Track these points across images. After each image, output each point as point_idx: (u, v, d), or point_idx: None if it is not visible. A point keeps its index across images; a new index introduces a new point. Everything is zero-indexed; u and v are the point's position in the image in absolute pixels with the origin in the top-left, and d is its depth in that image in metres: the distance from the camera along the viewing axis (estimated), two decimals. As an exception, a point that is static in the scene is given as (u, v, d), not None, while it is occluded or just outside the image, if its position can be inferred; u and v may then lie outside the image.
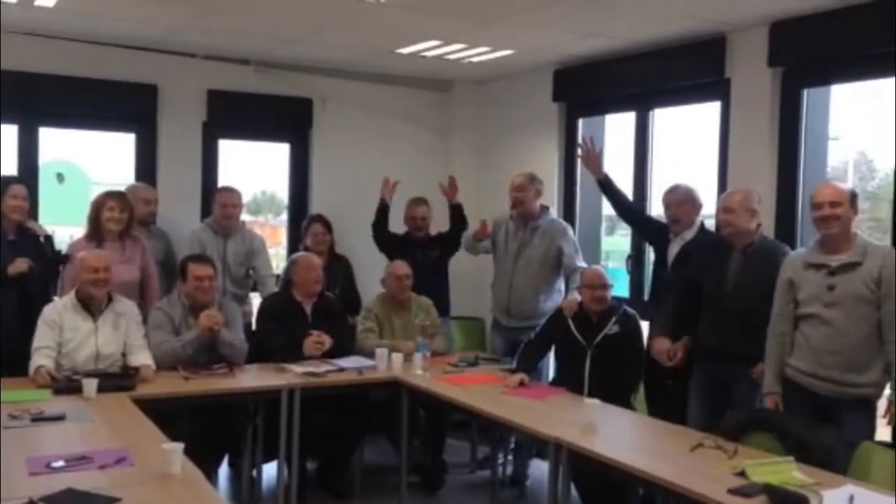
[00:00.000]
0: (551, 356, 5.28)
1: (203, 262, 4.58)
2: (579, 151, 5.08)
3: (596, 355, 4.35)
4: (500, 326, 5.28)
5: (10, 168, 5.38)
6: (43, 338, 4.07)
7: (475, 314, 6.10)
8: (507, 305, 5.15)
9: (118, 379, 3.97)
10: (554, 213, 5.36)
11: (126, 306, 4.30)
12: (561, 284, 5.18)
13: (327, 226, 5.62)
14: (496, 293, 5.27)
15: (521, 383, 4.36)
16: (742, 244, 3.92)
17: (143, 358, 4.22)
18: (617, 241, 6.63)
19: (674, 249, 4.51)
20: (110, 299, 4.26)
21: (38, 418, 3.37)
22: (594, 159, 4.90)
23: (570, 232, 5.24)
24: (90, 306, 4.18)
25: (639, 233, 5.31)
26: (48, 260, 4.56)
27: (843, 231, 3.45)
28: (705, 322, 4.01)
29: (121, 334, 4.22)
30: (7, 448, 2.98)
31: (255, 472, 4.67)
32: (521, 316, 5.10)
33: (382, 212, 5.63)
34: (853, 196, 3.47)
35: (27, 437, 3.16)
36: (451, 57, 5.71)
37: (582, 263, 5.07)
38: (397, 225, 5.74)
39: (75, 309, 4.16)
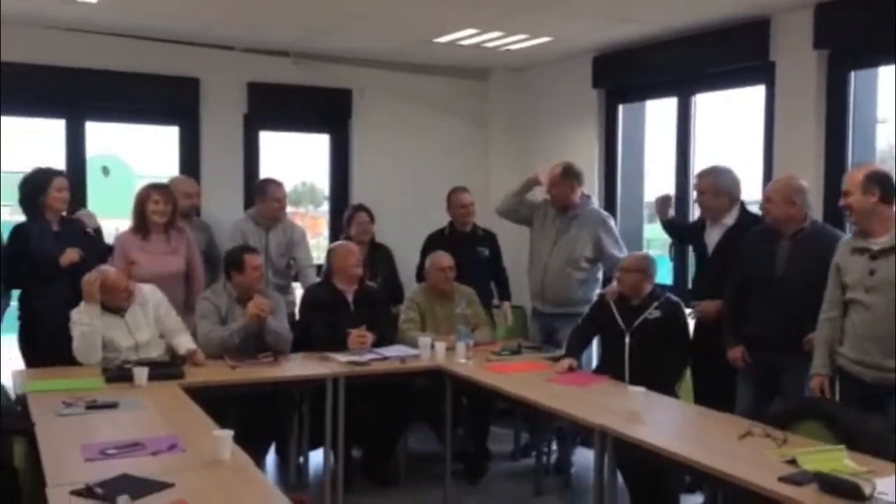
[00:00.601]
0: (594, 345, 5.29)
1: (255, 253, 4.65)
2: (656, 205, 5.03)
3: (635, 340, 4.33)
4: (538, 313, 5.29)
5: (59, 162, 5.47)
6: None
7: (518, 302, 6.10)
8: (542, 290, 5.17)
9: (168, 367, 4.04)
10: (595, 202, 5.32)
11: (145, 293, 4.35)
12: (599, 274, 5.18)
13: (370, 215, 5.64)
14: (532, 277, 5.28)
15: (570, 368, 4.36)
16: (790, 231, 3.87)
17: (185, 341, 4.31)
18: (658, 229, 6.55)
19: (713, 236, 4.45)
20: (129, 293, 4.31)
21: (92, 406, 3.43)
22: (664, 210, 4.92)
23: (611, 222, 5.21)
24: (111, 308, 4.23)
25: (676, 237, 5.24)
26: (95, 250, 4.65)
27: (866, 215, 3.39)
28: (754, 309, 3.97)
29: (150, 319, 4.29)
30: (63, 435, 3.06)
31: (301, 460, 4.73)
32: (556, 302, 5.12)
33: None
34: (871, 179, 3.37)
35: (82, 425, 3.23)
36: (489, 45, 5.70)
37: (622, 254, 5.03)
38: (441, 217, 5.73)
39: (102, 313, 4.21)
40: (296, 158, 6.87)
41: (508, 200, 5.34)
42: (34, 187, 4.53)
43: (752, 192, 4.73)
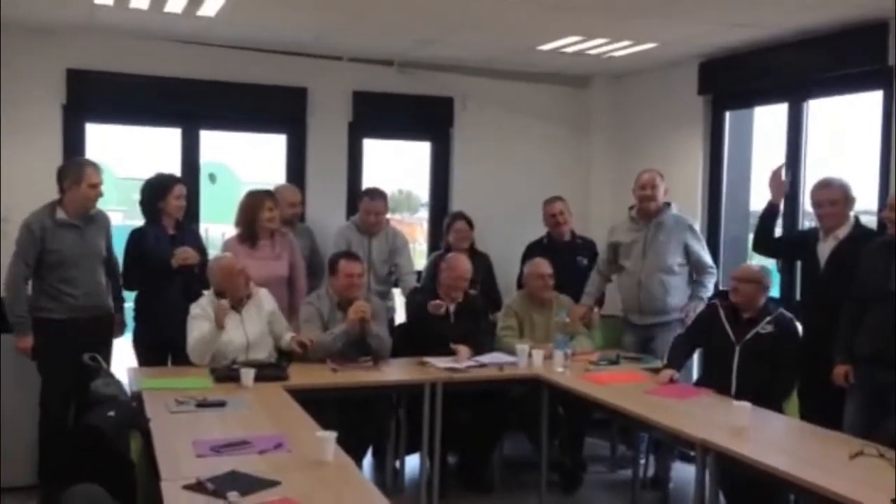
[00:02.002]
0: (696, 356, 5.16)
1: (353, 260, 4.71)
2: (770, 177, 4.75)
3: (745, 353, 4.21)
4: (632, 325, 5.22)
5: (174, 169, 5.72)
6: (196, 322, 4.30)
7: (611, 311, 6.02)
8: (639, 304, 5.10)
9: (273, 369, 4.16)
10: (675, 208, 5.24)
11: (261, 295, 4.50)
12: (688, 280, 5.12)
13: (469, 223, 5.68)
14: (626, 293, 5.22)
15: (671, 380, 4.28)
16: None
17: (288, 338, 4.45)
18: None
19: (825, 250, 4.28)
20: (248, 293, 4.46)
21: (202, 404, 3.58)
22: (780, 186, 4.67)
23: (696, 228, 5.21)
24: (231, 303, 4.36)
25: (780, 257, 5.06)
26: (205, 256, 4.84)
27: None
28: (867, 324, 3.80)
29: (263, 320, 4.44)
30: (175, 431, 3.20)
31: (398, 464, 4.79)
32: (654, 312, 5.06)
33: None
34: None
35: (193, 422, 3.37)
36: (592, 52, 5.65)
37: (709, 259, 5.07)
38: (538, 226, 5.73)
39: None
40: (396, 165, 6.97)
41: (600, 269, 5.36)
42: (154, 192, 4.73)
43: (866, 203, 4.53)
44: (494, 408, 4.74)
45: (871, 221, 4.61)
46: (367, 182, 6.10)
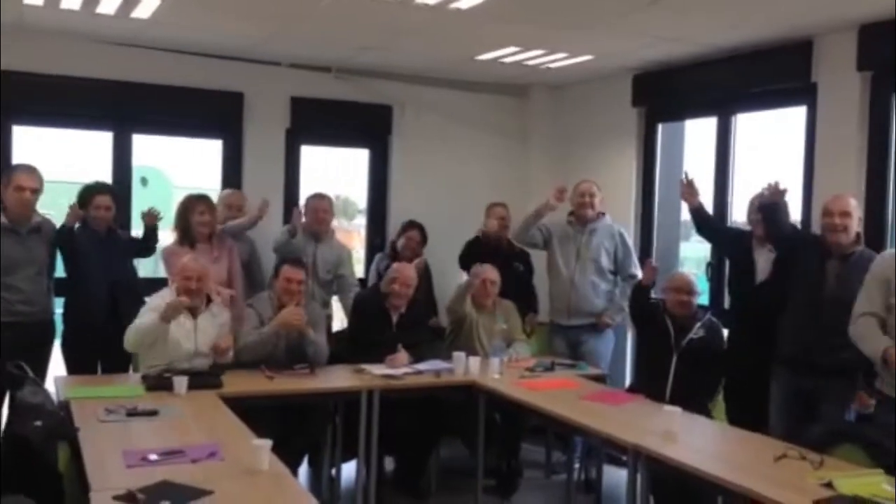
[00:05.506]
0: (628, 363, 5.29)
1: (297, 266, 4.65)
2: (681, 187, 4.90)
3: (682, 359, 4.34)
4: (560, 328, 5.35)
5: (105, 173, 5.61)
6: (149, 315, 4.19)
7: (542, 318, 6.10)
8: (569, 305, 5.25)
9: (207, 377, 4.10)
10: (609, 219, 5.39)
11: (220, 309, 4.43)
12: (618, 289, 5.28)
13: (423, 235, 5.72)
14: (556, 294, 5.36)
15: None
16: (842, 251, 3.83)
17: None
18: (694, 248, 6.54)
19: (761, 263, 4.40)
20: (209, 301, 4.40)
21: (133, 413, 3.51)
22: (690, 193, 4.81)
23: (627, 236, 5.40)
24: (189, 308, 4.29)
25: (716, 244, 5.21)
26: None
27: None
28: (794, 329, 3.93)
29: (215, 332, 4.36)
30: (105, 441, 3.13)
31: (334, 472, 4.76)
32: (582, 314, 5.24)
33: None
34: None
35: (123, 431, 3.30)
36: (530, 63, 5.73)
37: (637, 270, 5.22)
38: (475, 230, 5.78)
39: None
40: (333, 173, 6.94)
41: (526, 226, 5.39)
42: (78, 201, 4.68)
43: (791, 213, 4.68)
44: (431, 414, 4.75)
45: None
46: (305, 188, 6.08)
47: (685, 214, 5.66)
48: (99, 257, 4.60)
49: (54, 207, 4.94)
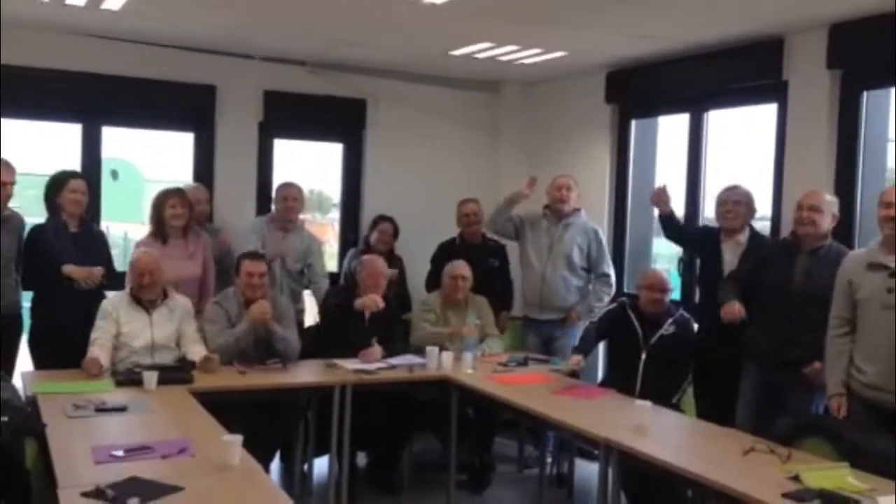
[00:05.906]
0: (601, 358, 5.31)
1: (256, 260, 4.63)
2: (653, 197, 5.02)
3: (651, 355, 4.37)
4: (533, 322, 5.36)
5: (74, 166, 5.52)
6: (100, 329, 4.21)
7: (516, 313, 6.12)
8: (541, 298, 5.25)
9: (177, 372, 4.07)
10: (584, 216, 5.41)
11: (179, 301, 4.41)
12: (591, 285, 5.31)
13: (395, 229, 5.72)
14: (528, 288, 5.37)
15: (573, 372, 4.50)
16: (811, 246, 3.87)
17: (199, 350, 4.33)
18: (666, 244, 6.56)
19: (728, 256, 4.46)
20: (165, 295, 4.37)
21: (102, 409, 3.47)
22: (662, 200, 4.91)
23: (601, 234, 5.40)
24: (143, 302, 4.30)
25: (683, 245, 5.26)
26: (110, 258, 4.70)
27: None
28: (762, 323, 3.97)
29: (175, 325, 4.35)
30: (73, 437, 3.10)
31: (306, 467, 4.75)
32: (554, 308, 5.23)
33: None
34: None
35: (92, 427, 3.27)
36: (504, 59, 5.73)
37: (608, 268, 5.27)
38: (449, 228, 5.77)
39: (130, 304, 4.29)
40: (307, 166, 6.90)
41: (499, 213, 5.40)
42: (50, 187, 4.63)
43: (761, 209, 4.75)
44: (404, 409, 4.75)
45: (765, 227, 4.84)
46: (278, 182, 6.01)
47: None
48: (73, 261, 4.49)
49: (21, 200, 4.87)
